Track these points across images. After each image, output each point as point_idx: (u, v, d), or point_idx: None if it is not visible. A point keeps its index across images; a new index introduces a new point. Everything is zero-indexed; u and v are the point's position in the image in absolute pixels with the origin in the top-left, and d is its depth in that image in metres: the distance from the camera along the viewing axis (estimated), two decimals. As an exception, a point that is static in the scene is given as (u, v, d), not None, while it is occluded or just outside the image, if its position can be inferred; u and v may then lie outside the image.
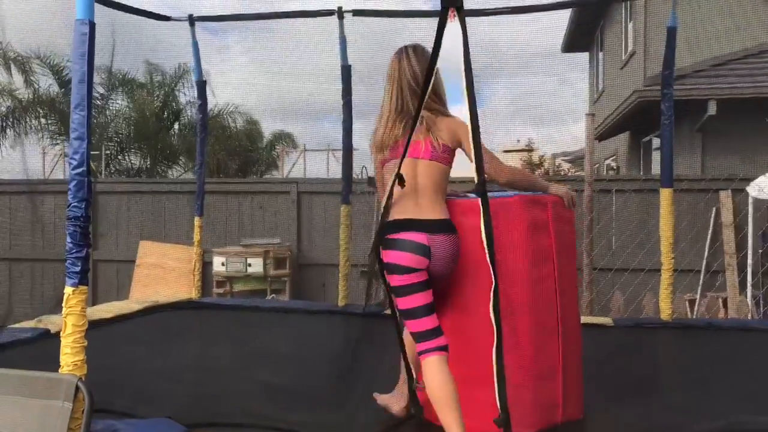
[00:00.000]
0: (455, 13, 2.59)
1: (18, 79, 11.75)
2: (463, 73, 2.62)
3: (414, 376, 2.70)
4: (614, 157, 14.18)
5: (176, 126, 14.84)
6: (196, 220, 5.92)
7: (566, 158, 17.36)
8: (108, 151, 13.20)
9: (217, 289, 7.80)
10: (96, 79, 12.92)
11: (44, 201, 8.73)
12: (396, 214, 2.63)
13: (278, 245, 7.95)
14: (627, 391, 3.38)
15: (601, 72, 15.15)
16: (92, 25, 2.65)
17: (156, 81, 14.28)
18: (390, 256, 2.59)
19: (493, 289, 2.59)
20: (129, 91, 13.87)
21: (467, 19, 2.63)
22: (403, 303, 2.58)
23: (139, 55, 12.85)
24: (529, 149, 13.13)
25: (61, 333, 2.60)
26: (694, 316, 6.65)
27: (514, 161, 13.32)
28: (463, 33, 2.60)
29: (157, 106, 14.14)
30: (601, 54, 15.25)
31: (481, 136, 2.62)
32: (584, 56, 16.92)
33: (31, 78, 11.96)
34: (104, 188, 8.71)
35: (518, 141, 14.79)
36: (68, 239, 2.62)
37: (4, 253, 8.71)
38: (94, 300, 8.13)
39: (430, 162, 2.70)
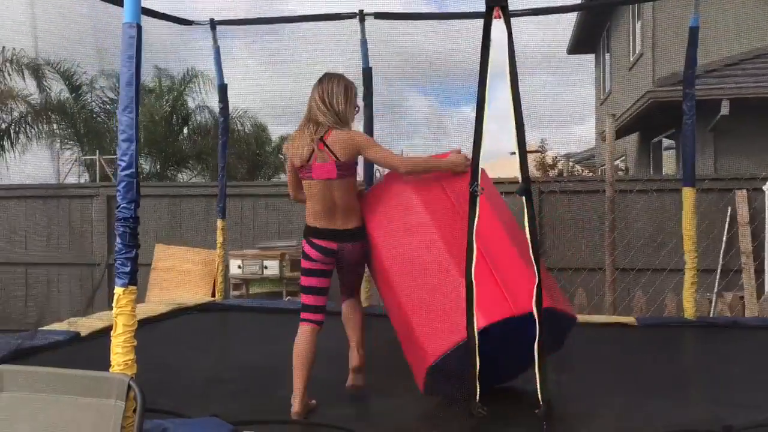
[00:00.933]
0: (500, 12, 2.63)
1: (31, 83, 11.82)
2: (508, 71, 2.66)
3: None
4: (623, 158, 14.21)
5: (185, 130, 14.89)
6: (219, 223, 5.94)
7: (572, 159, 17.39)
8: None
9: (233, 292, 7.82)
10: (106, 83, 13.06)
11: (59, 205, 8.77)
12: (316, 222, 3.20)
13: (294, 247, 7.97)
14: (662, 386, 3.40)
15: (608, 73, 15.19)
16: (139, 28, 2.69)
17: (165, 86, 14.33)
18: (306, 249, 3.22)
19: (536, 284, 2.67)
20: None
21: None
22: (303, 281, 3.25)
23: (148, 59, 12.90)
24: (542, 150, 13.13)
25: (112, 332, 2.62)
26: (711, 315, 6.67)
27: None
28: (508, 31, 2.65)
29: (166, 110, 14.19)
30: (607, 55, 15.28)
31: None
32: (590, 58, 16.97)
33: (44, 83, 12.02)
34: (120, 192, 8.72)
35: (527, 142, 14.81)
36: (118, 240, 2.65)
37: (20, 257, 8.74)
38: (111, 303, 8.15)
39: (340, 181, 3.15)
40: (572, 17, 13.61)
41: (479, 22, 2.73)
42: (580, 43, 15.52)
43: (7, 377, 2.58)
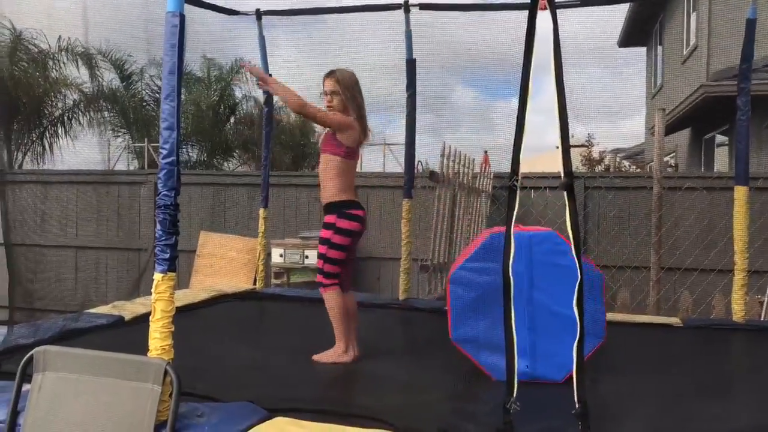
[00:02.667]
0: (546, 3, 2.56)
1: (84, 72, 12.14)
2: (553, 62, 2.59)
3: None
4: (673, 155, 13.82)
5: (232, 120, 15.08)
6: (261, 212, 5.99)
7: (620, 155, 16.99)
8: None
9: (274, 280, 7.90)
10: (155, 72, 13.30)
11: (109, 191, 9.00)
12: (351, 195, 3.71)
13: (335, 238, 7.99)
14: (706, 390, 3.30)
15: (659, 67, 14.77)
16: (182, 17, 2.71)
17: (213, 75, 14.53)
18: (350, 225, 3.65)
19: (578, 283, 2.59)
20: (186, 86, 14.15)
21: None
22: (338, 255, 3.64)
23: (197, 49, 13.11)
24: (589, 144, 12.87)
25: (150, 318, 2.66)
26: (762, 318, 6.43)
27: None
28: (553, 22, 2.57)
29: (213, 100, 14.38)
30: (660, 48, 14.86)
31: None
32: (641, 51, 16.54)
33: (96, 72, 12.34)
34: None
35: (572, 136, 14.55)
36: (158, 227, 2.68)
37: (71, 241, 9.01)
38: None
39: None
40: (623, 9, 13.29)
41: (526, 13, 2.67)
42: (632, 36, 15.14)
43: (51, 358, 2.65)
